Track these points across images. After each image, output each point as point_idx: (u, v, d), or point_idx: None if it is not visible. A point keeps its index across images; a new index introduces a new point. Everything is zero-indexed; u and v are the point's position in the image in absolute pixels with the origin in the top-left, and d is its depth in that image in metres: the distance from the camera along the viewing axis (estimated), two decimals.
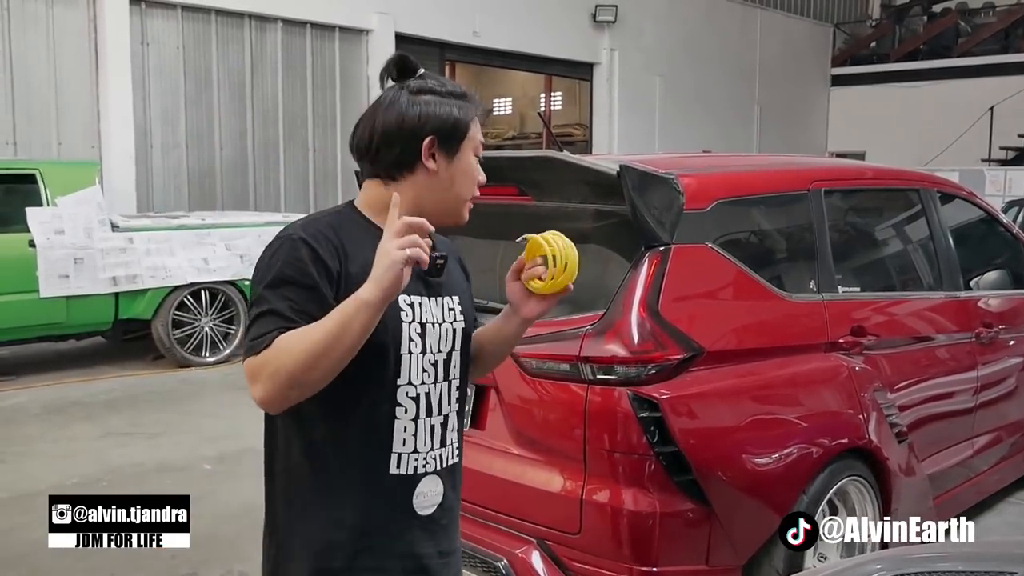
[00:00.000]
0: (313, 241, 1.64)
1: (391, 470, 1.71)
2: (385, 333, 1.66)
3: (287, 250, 1.63)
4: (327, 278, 1.62)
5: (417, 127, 1.73)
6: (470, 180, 1.81)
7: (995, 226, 4.70)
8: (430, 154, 1.74)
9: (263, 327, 1.57)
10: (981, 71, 18.21)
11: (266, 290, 1.61)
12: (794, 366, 3.10)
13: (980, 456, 4.16)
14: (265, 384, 1.54)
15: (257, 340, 1.56)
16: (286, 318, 1.57)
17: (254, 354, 1.55)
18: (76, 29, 9.81)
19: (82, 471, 5.18)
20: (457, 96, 1.79)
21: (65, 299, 7.50)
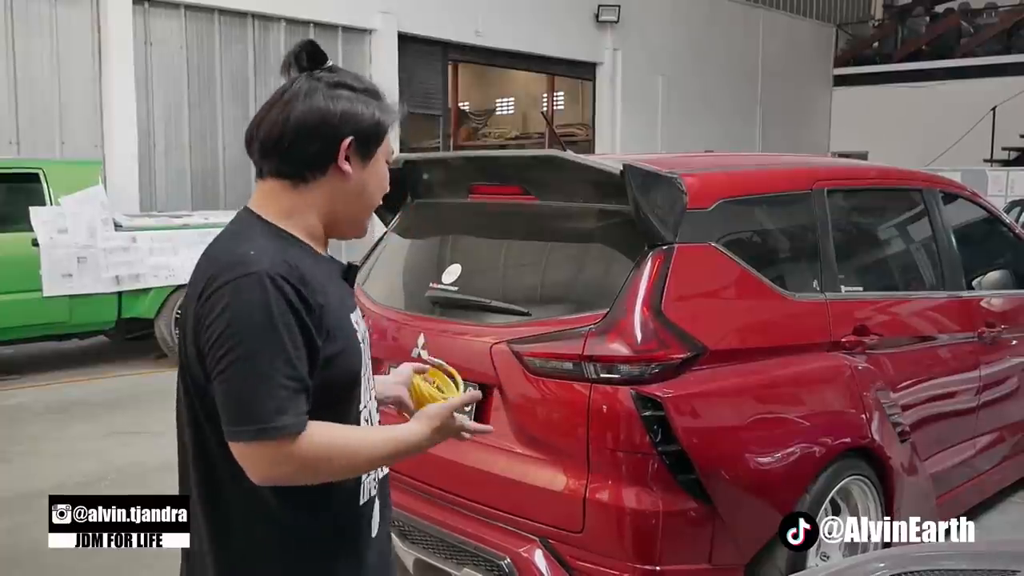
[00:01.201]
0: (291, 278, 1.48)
1: (360, 501, 1.63)
2: (353, 360, 1.59)
3: (278, 296, 1.45)
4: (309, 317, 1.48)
5: (338, 125, 1.56)
6: (380, 188, 1.67)
7: (997, 226, 4.70)
8: (346, 156, 1.58)
9: (276, 397, 1.43)
10: (983, 71, 18.21)
11: (271, 345, 1.44)
12: (797, 365, 3.10)
13: (982, 456, 4.16)
14: (299, 476, 1.47)
15: (285, 417, 1.42)
16: (294, 391, 1.44)
17: (289, 436, 1.43)
18: (80, 29, 9.82)
19: (85, 470, 5.19)
20: (374, 95, 1.63)
21: (68, 298, 7.52)
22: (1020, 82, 17.21)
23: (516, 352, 2.88)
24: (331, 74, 1.61)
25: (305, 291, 1.49)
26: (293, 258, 1.52)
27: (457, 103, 16.38)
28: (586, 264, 3.10)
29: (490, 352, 2.95)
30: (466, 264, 3.30)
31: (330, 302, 1.54)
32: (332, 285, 1.59)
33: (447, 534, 3.06)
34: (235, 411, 1.43)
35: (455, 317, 3.17)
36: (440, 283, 3.24)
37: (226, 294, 1.45)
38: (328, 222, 1.63)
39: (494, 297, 3.15)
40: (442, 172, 3.63)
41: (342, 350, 1.55)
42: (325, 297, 1.53)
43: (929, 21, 20.77)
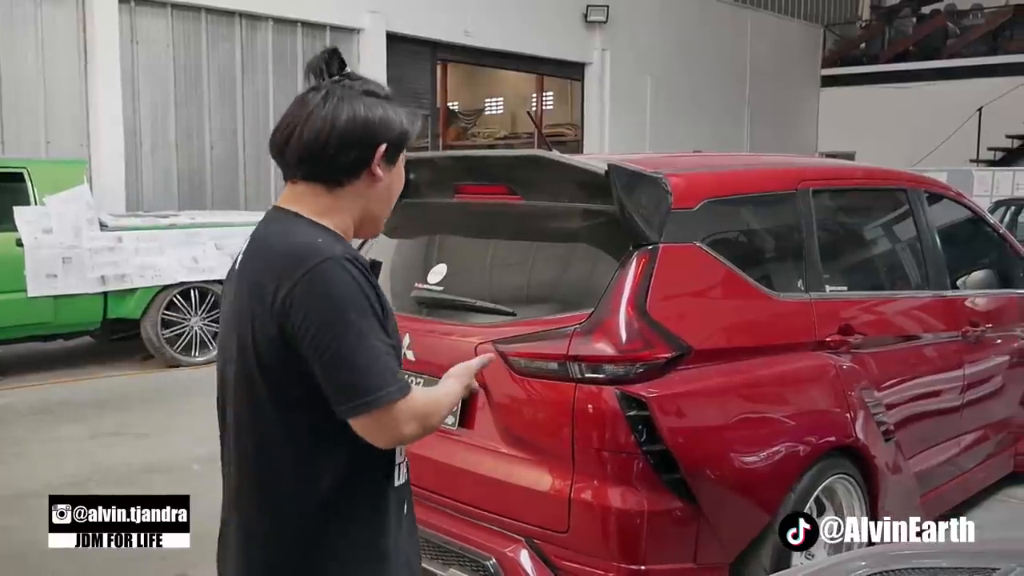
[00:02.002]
0: (363, 264, 1.60)
1: (396, 483, 1.71)
2: (398, 354, 1.66)
3: (361, 276, 1.57)
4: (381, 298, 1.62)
5: (376, 132, 1.65)
6: (398, 189, 1.77)
7: (981, 226, 4.73)
8: (379, 161, 1.66)
9: (389, 365, 1.56)
10: (970, 72, 18.31)
11: (371, 322, 1.56)
12: (782, 365, 3.11)
13: (966, 454, 4.19)
14: (419, 431, 1.60)
15: (400, 381, 1.56)
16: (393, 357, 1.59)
17: (404, 395, 1.56)
18: (65, 27, 9.77)
19: (71, 472, 5.16)
20: (390, 100, 1.71)
21: (53, 299, 7.47)
22: (1006, 83, 17.31)
23: (501, 352, 2.88)
24: (359, 81, 1.70)
25: (368, 273, 1.60)
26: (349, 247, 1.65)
27: (446, 103, 16.35)
28: (571, 264, 3.10)
29: (475, 352, 2.93)
30: (452, 264, 3.30)
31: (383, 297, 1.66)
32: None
33: (433, 535, 3.05)
34: (358, 385, 1.52)
35: (441, 317, 3.17)
36: (425, 283, 3.23)
37: (314, 280, 1.53)
38: (357, 222, 1.72)
39: (480, 297, 3.15)
40: (428, 172, 3.62)
41: (394, 329, 1.67)
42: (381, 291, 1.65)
43: (916, 22, 20.88)
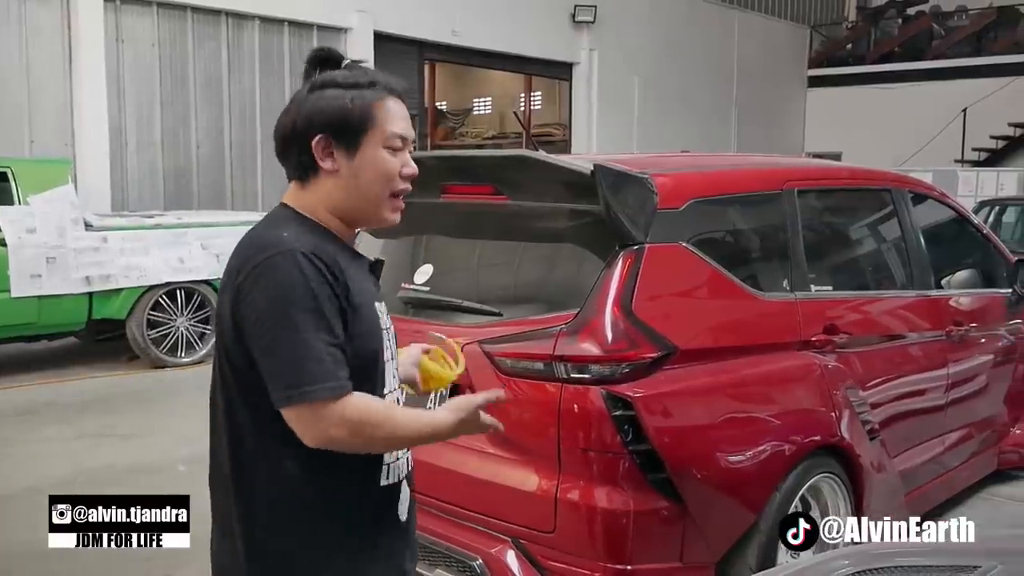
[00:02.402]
0: (321, 255, 1.59)
1: (381, 482, 1.69)
2: (374, 343, 1.66)
3: (310, 271, 1.56)
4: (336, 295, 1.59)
5: (305, 126, 1.64)
6: (380, 175, 1.68)
7: (966, 226, 4.76)
8: (326, 153, 1.65)
9: (327, 361, 1.54)
10: (954, 73, 18.42)
11: (310, 316, 1.54)
12: (767, 364, 3.12)
13: (951, 453, 4.21)
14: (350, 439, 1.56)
15: (332, 381, 1.53)
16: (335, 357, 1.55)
17: (336, 397, 1.53)
18: (50, 26, 9.71)
19: (55, 473, 5.13)
20: (358, 85, 1.67)
21: (37, 299, 7.40)
22: (990, 84, 17.42)
23: (487, 352, 2.88)
24: (324, 75, 1.69)
25: (331, 269, 1.59)
26: (321, 242, 1.63)
27: (434, 103, 16.36)
28: (557, 264, 3.11)
29: (461, 352, 2.94)
30: (438, 264, 3.30)
31: (355, 285, 1.64)
32: (357, 273, 1.68)
33: (419, 535, 3.04)
34: (284, 377, 1.53)
35: (427, 317, 3.17)
36: (412, 283, 3.23)
37: (264, 271, 1.56)
38: (339, 215, 1.71)
39: (466, 297, 3.15)
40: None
41: (366, 331, 1.65)
42: (350, 280, 1.62)
43: (901, 23, 21.00)
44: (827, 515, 3.26)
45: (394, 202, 1.71)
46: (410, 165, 1.71)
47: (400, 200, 1.73)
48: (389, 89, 1.70)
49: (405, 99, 1.75)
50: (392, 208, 1.72)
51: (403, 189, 1.71)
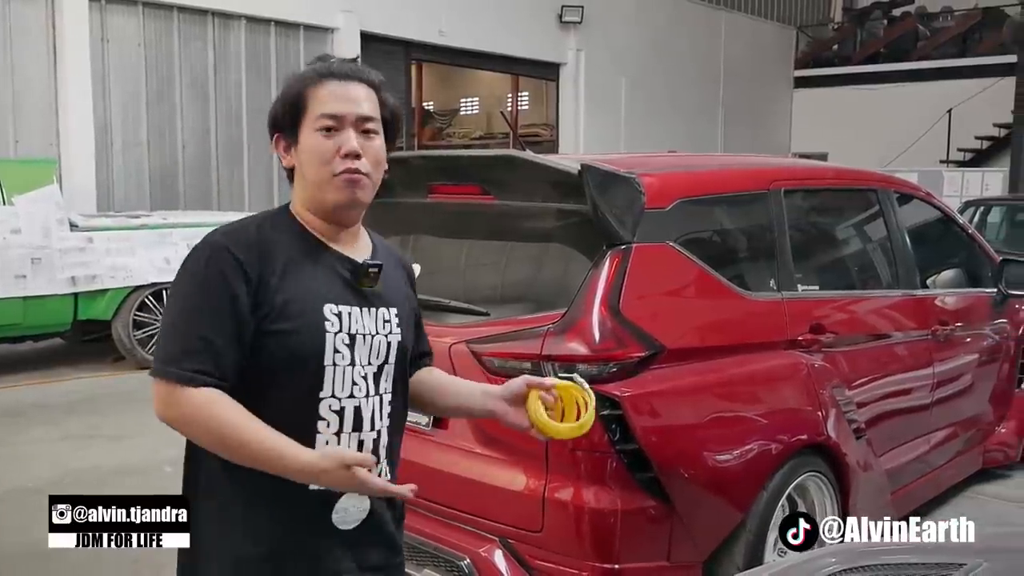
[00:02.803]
0: (235, 249, 1.61)
1: (311, 486, 1.62)
2: (303, 343, 1.63)
3: (211, 259, 1.60)
4: (246, 288, 1.60)
5: (269, 131, 1.72)
6: (315, 158, 1.67)
7: (951, 226, 4.78)
8: (283, 150, 1.71)
9: (185, 346, 1.57)
10: (940, 74, 18.53)
11: (189, 301, 1.60)
12: (754, 364, 3.13)
13: (936, 451, 4.23)
14: (177, 424, 1.58)
15: (178, 366, 1.55)
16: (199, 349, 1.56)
17: (174, 381, 1.55)
18: (34, 25, 9.65)
19: (40, 474, 5.10)
20: (297, 76, 1.72)
21: (22, 300, 7.36)
22: (975, 84, 17.52)
23: (475, 352, 2.88)
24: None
25: (250, 262, 1.60)
26: (266, 235, 1.65)
27: (421, 103, 16.34)
28: (545, 264, 3.11)
29: (449, 352, 2.94)
30: (425, 264, 3.29)
31: (289, 282, 1.63)
32: (312, 270, 1.67)
33: (407, 535, 3.03)
34: (156, 351, 1.62)
35: None
36: None
37: (183, 260, 1.65)
38: (312, 210, 1.72)
39: (453, 297, 3.15)
40: (401, 171, 3.60)
41: (291, 330, 1.62)
42: (281, 276, 1.62)
43: (887, 24, 21.08)
44: (813, 514, 3.28)
45: (337, 181, 1.67)
46: (347, 144, 1.66)
47: (345, 176, 1.67)
48: (330, 73, 1.69)
49: (360, 78, 1.72)
50: (337, 187, 1.67)
51: (345, 169, 1.66)
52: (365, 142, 1.69)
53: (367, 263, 1.73)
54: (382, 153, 1.73)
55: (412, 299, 1.90)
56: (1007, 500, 4.67)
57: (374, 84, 1.74)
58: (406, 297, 1.86)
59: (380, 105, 1.74)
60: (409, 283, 1.91)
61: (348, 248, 1.75)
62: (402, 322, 1.78)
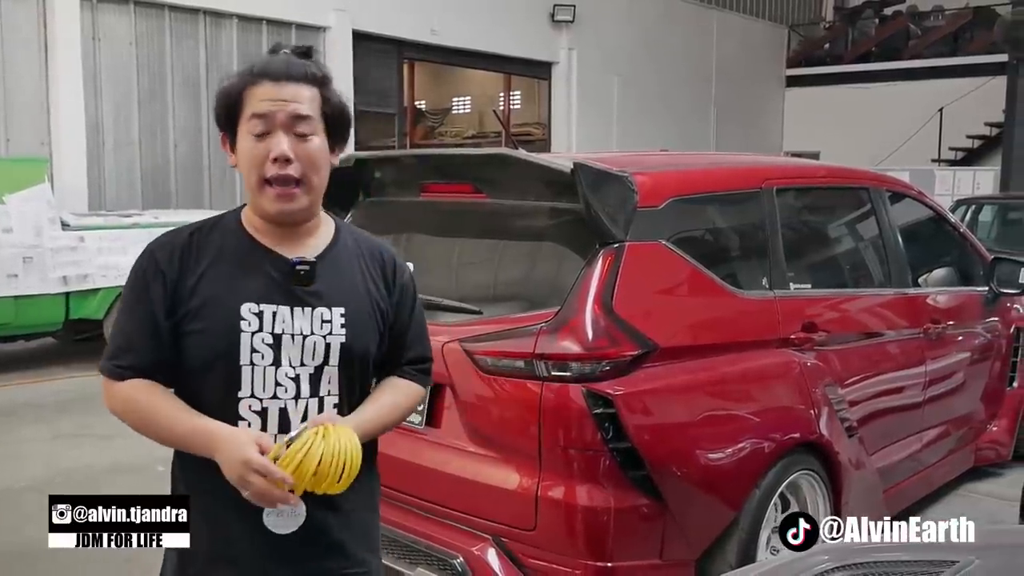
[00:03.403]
0: (159, 252, 1.68)
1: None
2: (215, 343, 1.62)
3: (140, 265, 1.70)
4: (163, 289, 1.66)
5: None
6: (246, 163, 1.63)
7: (943, 225, 4.80)
8: (228, 148, 1.71)
9: (116, 343, 1.69)
10: (931, 73, 18.55)
11: (123, 303, 1.73)
12: (747, 362, 3.14)
13: (929, 449, 4.24)
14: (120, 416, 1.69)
15: (110, 362, 1.68)
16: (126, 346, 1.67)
17: (107, 376, 1.68)
18: (26, 24, 9.62)
19: (32, 474, 5.09)
20: (237, 75, 1.70)
21: (13, 299, 7.34)
22: (966, 83, 17.56)
23: (468, 351, 2.88)
24: None
25: (170, 266, 1.65)
26: (199, 239, 1.69)
27: (413, 102, 16.30)
28: (537, 262, 3.11)
29: (442, 351, 2.94)
30: (418, 262, 3.27)
31: (207, 284, 1.65)
32: (236, 271, 1.67)
33: (400, 534, 3.05)
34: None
35: None
36: None
37: None
38: (253, 208, 1.71)
39: (446, 296, 3.14)
40: (394, 170, 3.61)
41: (200, 330, 1.64)
42: (200, 278, 1.65)
43: (878, 23, 21.10)
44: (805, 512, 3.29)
45: (270, 191, 1.62)
46: (276, 148, 1.61)
47: (277, 188, 1.62)
48: (264, 73, 1.65)
49: (295, 77, 1.65)
50: (271, 198, 1.63)
51: (274, 176, 1.61)
52: (298, 145, 1.63)
53: (295, 261, 1.67)
54: (319, 154, 1.66)
55: (381, 299, 1.78)
56: (999, 498, 4.69)
57: (316, 80, 1.67)
58: (364, 295, 1.75)
59: (323, 102, 1.67)
60: (384, 281, 1.80)
61: (293, 246, 1.70)
62: (350, 323, 1.70)
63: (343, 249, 1.76)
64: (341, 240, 1.77)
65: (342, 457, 1.57)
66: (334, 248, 1.74)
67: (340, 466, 1.57)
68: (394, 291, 1.81)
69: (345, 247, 1.77)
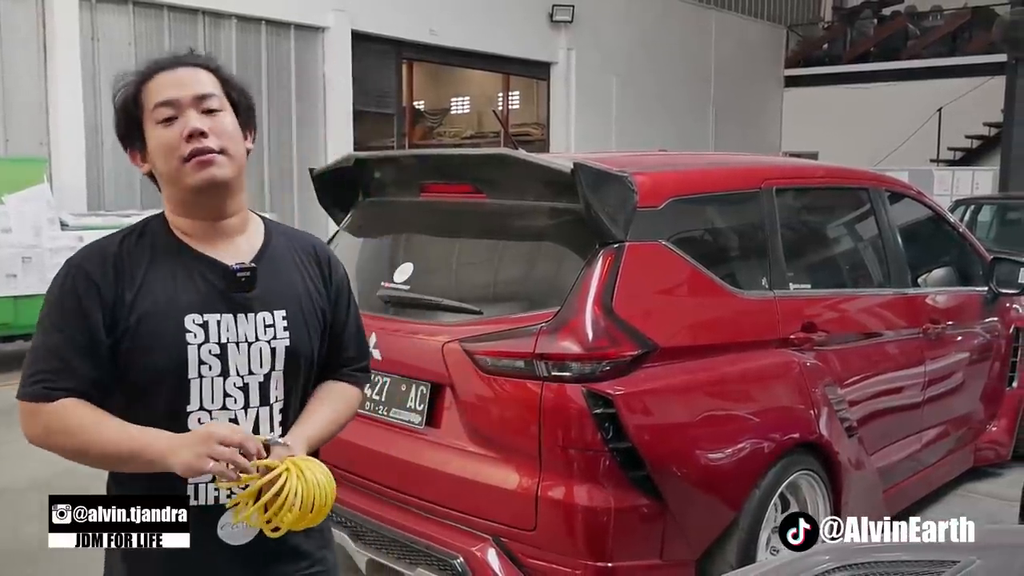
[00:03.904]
0: (89, 266, 1.58)
1: (191, 501, 1.59)
2: (161, 358, 1.57)
3: (67, 279, 1.58)
4: (99, 305, 1.56)
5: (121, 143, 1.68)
6: (162, 152, 1.60)
7: (942, 225, 4.80)
8: (137, 160, 1.66)
9: (42, 365, 1.57)
10: (930, 73, 18.55)
11: (47, 321, 1.59)
12: (746, 362, 3.14)
13: (928, 450, 4.25)
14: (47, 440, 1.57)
15: (37, 385, 1.55)
16: (54, 367, 1.56)
17: (31, 400, 1.56)
18: (25, 24, 9.60)
19: (33, 474, 5.08)
20: (125, 82, 1.68)
21: (12, 299, 7.35)
22: (965, 83, 17.56)
23: (468, 351, 2.88)
24: None
25: (105, 281, 1.57)
26: (128, 248, 1.61)
27: (412, 102, 16.31)
28: (537, 262, 3.11)
29: (442, 351, 2.94)
30: (418, 263, 3.29)
31: (146, 297, 1.58)
32: (173, 282, 1.60)
33: (400, 534, 3.05)
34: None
35: (407, 316, 3.16)
36: (392, 282, 3.22)
37: None
38: (178, 211, 1.66)
39: (446, 296, 3.14)
40: (393, 170, 3.61)
41: (145, 346, 1.57)
42: (138, 291, 1.58)
43: (877, 23, 21.11)
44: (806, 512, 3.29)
45: (187, 166, 1.59)
46: (188, 126, 1.58)
47: (196, 160, 1.59)
48: (156, 66, 1.65)
49: (191, 63, 1.66)
50: (188, 172, 1.59)
51: (192, 151, 1.58)
52: (211, 120, 1.61)
53: (236, 268, 1.62)
54: (233, 127, 1.64)
55: (318, 297, 1.74)
56: (999, 498, 4.69)
57: (210, 67, 1.67)
58: (304, 295, 1.71)
59: (223, 83, 1.66)
60: (321, 278, 1.76)
61: (224, 249, 1.65)
62: (293, 325, 1.67)
63: (277, 248, 1.71)
64: (273, 239, 1.72)
65: (322, 493, 1.55)
66: (268, 248, 1.70)
67: (323, 502, 1.55)
68: (331, 288, 1.78)
69: (279, 246, 1.72)
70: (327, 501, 1.56)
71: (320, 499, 1.54)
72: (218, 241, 1.65)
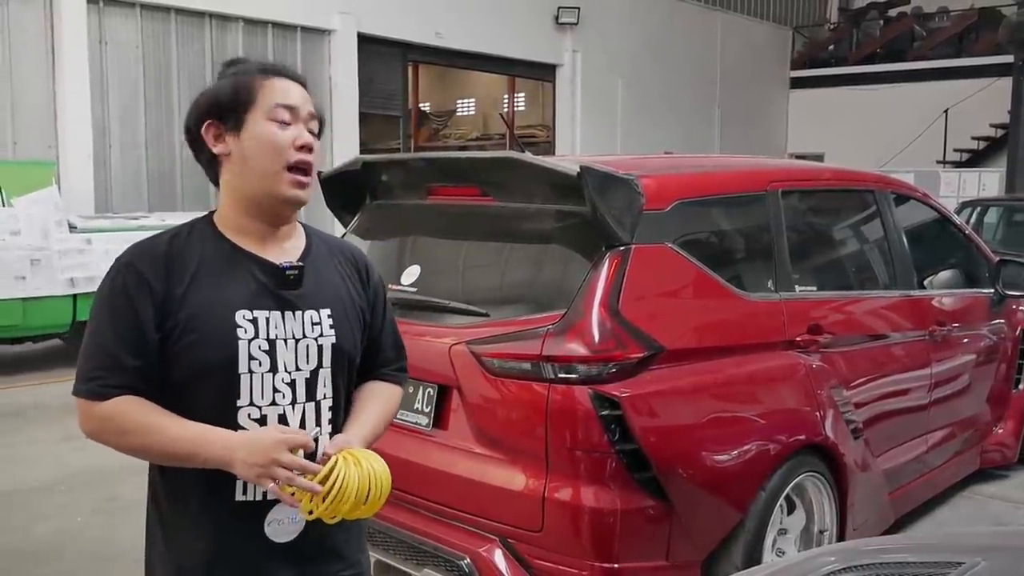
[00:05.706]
0: (140, 264, 1.62)
1: (237, 496, 1.62)
2: (212, 353, 1.60)
3: (119, 277, 1.62)
4: (150, 302, 1.59)
5: (196, 120, 1.67)
6: (267, 147, 1.63)
7: (948, 226, 4.80)
8: (216, 139, 1.66)
9: (95, 363, 1.60)
10: (936, 74, 18.53)
11: (98, 319, 1.62)
12: (752, 364, 3.15)
13: (934, 452, 4.25)
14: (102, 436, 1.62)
15: (91, 383, 1.59)
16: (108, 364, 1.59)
17: (86, 398, 1.60)
18: (33, 28, 9.65)
19: (40, 476, 5.11)
20: (232, 65, 1.71)
21: (21, 301, 7.38)
22: (972, 84, 17.53)
23: (475, 353, 2.89)
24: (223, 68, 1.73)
25: (155, 277, 1.60)
26: (178, 246, 1.64)
27: (417, 104, 16.33)
28: (544, 265, 3.12)
29: (449, 353, 2.96)
30: (425, 265, 3.31)
31: (196, 293, 1.61)
32: (223, 279, 1.64)
33: (407, 535, 3.06)
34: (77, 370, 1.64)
35: (414, 318, 3.17)
36: (399, 284, 3.24)
37: None
38: (243, 207, 1.68)
39: (453, 298, 3.16)
40: (400, 173, 3.63)
41: (195, 342, 1.60)
42: (188, 287, 1.61)
43: (883, 25, 21.08)
44: (812, 514, 3.30)
45: (290, 176, 1.64)
46: (303, 137, 1.65)
47: (299, 175, 1.65)
48: (276, 71, 1.68)
49: (300, 82, 1.71)
50: (290, 183, 1.64)
51: (299, 160, 1.64)
52: (314, 141, 1.69)
53: (285, 266, 1.67)
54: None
55: (359, 298, 1.80)
56: (1005, 500, 4.69)
57: (307, 88, 1.74)
58: (346, 296, 1.77)
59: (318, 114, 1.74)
60: (360, 281, 1.83)
61: (273, 250, 1.70)
62: (338, 323, 1.72)
63: (319, 251, 1.77)
64: (314, 243, 1.78)
65: (378, 481, 1.58)
66: (311, 251, 1.75)
67: (378, 491, 1.58)
68: (369, 291, 1.84)
69: (320, 249, 1.78)
70: (383, 491, 1.58)
71: (376, 488, 1.57)
72: (268, 242, 1.70)
